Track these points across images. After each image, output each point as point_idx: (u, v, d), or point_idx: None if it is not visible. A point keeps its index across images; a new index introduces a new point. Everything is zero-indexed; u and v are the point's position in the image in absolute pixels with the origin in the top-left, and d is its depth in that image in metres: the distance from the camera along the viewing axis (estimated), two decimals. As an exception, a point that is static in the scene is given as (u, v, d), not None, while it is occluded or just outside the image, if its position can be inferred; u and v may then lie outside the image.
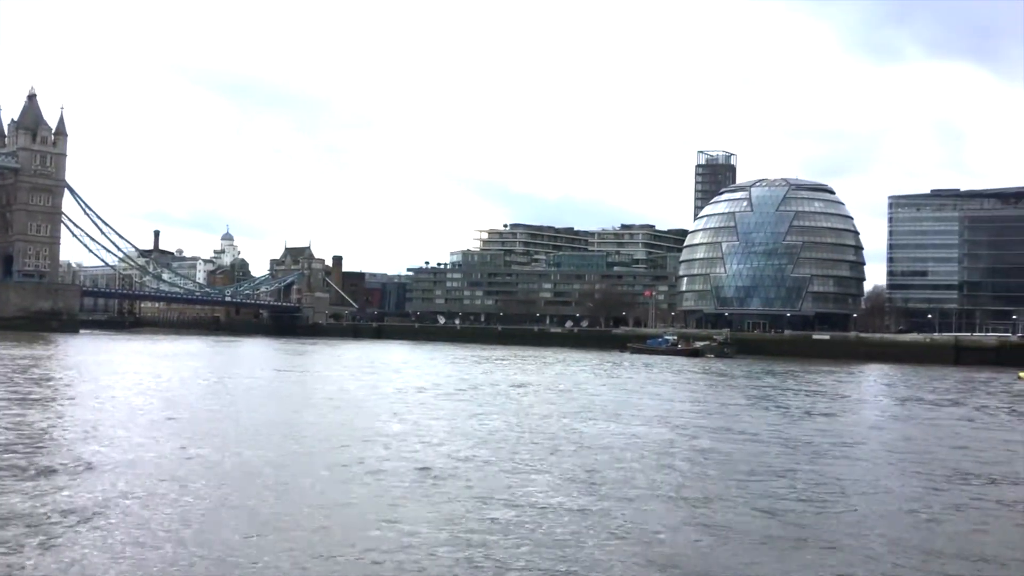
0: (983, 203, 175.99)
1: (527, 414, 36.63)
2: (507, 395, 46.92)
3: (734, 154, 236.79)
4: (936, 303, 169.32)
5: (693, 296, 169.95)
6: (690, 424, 34.43)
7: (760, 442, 29.12)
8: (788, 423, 35.70)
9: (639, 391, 52.93)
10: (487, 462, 23.29)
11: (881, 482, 22.10)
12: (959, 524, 17.53)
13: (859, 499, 19.60)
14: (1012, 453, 29.04)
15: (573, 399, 45.33)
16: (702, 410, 41.54)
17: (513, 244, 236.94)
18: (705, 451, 26.73)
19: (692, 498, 19.04)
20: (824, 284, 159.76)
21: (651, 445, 27.67)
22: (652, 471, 22.55)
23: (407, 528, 15.62)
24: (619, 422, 34.22)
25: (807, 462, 24.97)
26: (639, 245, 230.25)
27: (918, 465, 25.21)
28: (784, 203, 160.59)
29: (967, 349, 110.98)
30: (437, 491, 19.14)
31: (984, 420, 40.45)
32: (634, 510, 17.69)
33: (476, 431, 30.17)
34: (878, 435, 33.66)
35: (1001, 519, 18.31)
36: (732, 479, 21.62)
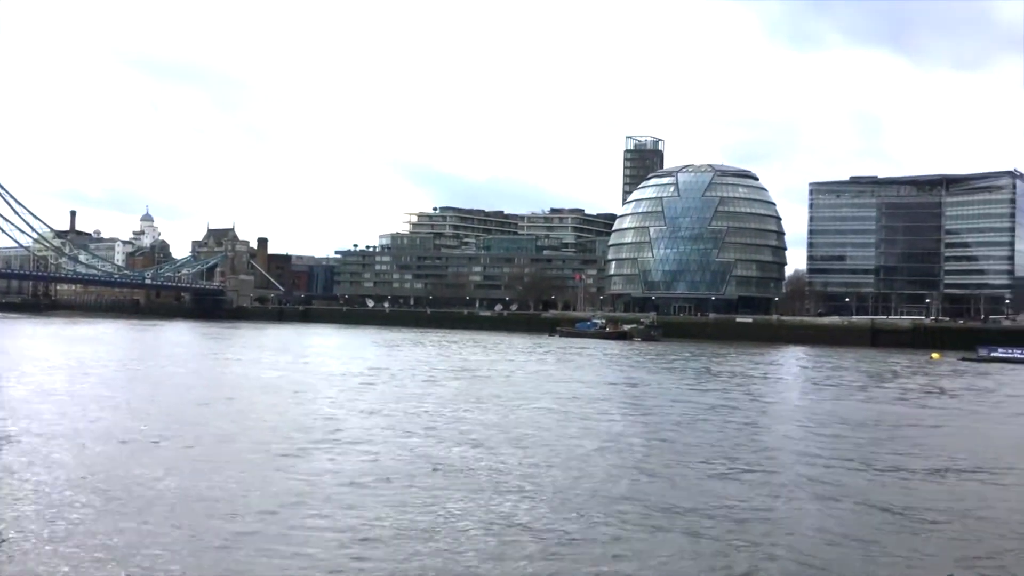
0: (899, 190, 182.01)
1: (445, 397, 36.54)
2: (435, 380, 46.71)
3: (662, 139, 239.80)
4: (854, 287, 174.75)
5: (621, 280, 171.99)
6: (614, 401, 34.80)
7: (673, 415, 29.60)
8: (706, 395, 36.39)
9: (566, 372, 53.28)
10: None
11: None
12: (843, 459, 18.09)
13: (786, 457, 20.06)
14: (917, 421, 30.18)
15: (488, 379, 45.37)
16: (624, 390, 42.02)
17: (443, 227, 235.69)
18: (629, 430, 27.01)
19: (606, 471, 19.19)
20: (747, 268, 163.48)
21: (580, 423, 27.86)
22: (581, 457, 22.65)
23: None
24: (546, 401, 34.35)
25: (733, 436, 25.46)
26: (568, 229, 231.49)
27: (823, 427, 25.98)
28: (710, 189, 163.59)
29: (883, 332, 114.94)
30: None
31: (891, 393, 41.98)
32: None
33: (404, 420, 29.91)
34: (790, 410, 34.60)
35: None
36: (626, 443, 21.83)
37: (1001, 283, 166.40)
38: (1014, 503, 18.50)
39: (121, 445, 22.30)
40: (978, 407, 39.33)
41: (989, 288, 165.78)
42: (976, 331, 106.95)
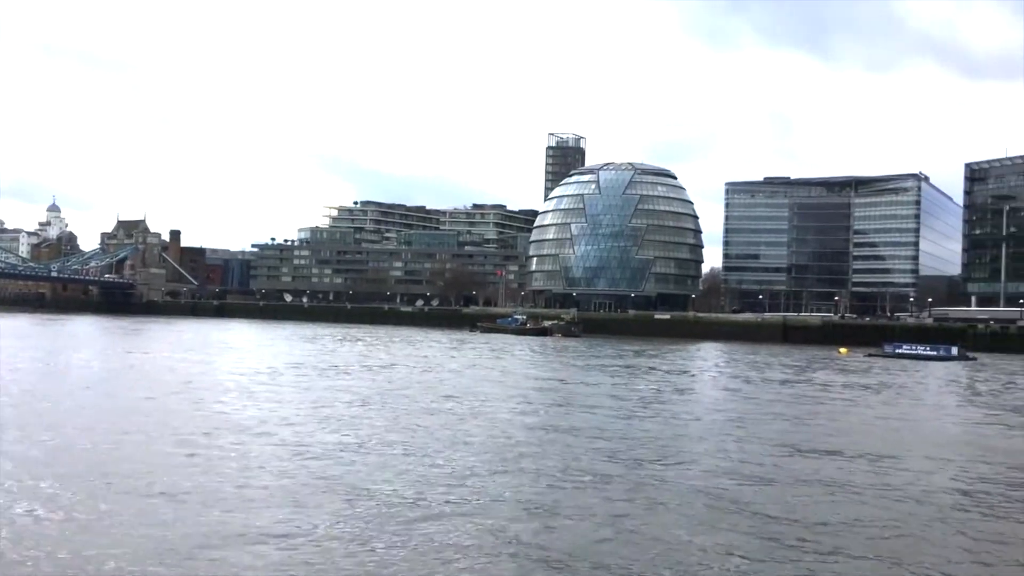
0: (811, 191, 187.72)
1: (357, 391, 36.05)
2: (350, 373, 46.04)
3: (583, 137, 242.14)
4: (767, 284, 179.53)
5: (543, 276, 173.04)
6: (536, 396, 34.80)
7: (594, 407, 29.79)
8: (628, 392, 36.76)
9: (486, 367, 53.17)
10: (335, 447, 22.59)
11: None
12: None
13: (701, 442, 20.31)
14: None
15: (399, 374, 45.00)
16: (548, 385, 42.13)
17: (363, 221, 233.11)
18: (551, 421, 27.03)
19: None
20: (666, 266, 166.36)
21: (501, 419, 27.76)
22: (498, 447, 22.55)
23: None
24: (456, 400, 34.14)
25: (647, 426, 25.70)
26: (490, 225, 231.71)
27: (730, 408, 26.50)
28: (630, 187, 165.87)
29: (794, 328, 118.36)
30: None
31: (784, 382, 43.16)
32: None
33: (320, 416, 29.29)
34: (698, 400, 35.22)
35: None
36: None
37: (906, 282, 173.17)
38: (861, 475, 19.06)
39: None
40: (879, 401, 40.71)
41: (895, 286, 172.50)
42: (882, 328, 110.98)
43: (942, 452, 24.87)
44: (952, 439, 28.47)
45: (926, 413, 36.79)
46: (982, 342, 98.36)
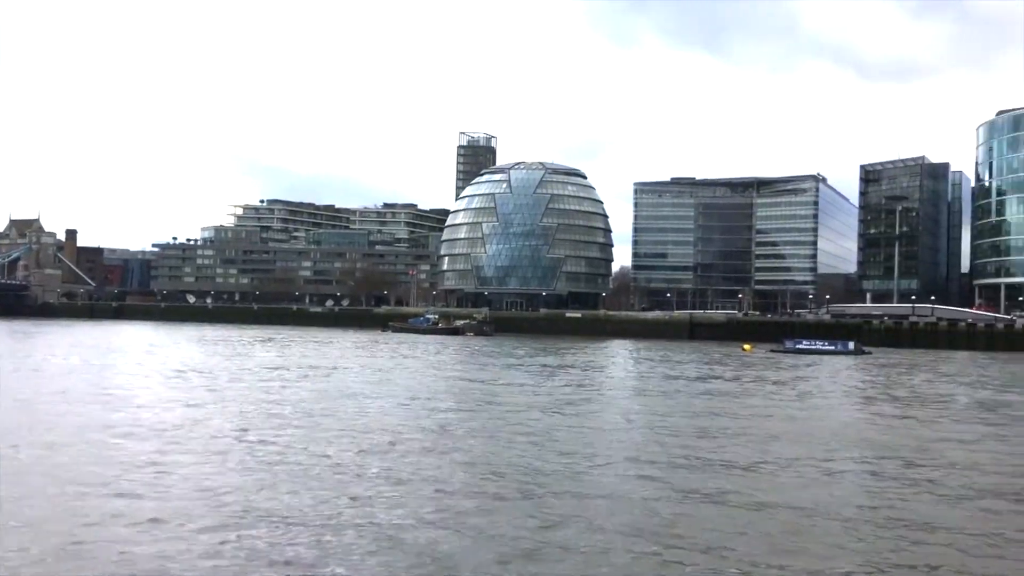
0: (715, 191, 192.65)
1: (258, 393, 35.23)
2: (259, 376, 44.93)
3: (495, 136, 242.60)
4: (675, 283, 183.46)
5: (454, 275, 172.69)
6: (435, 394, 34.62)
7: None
8: (538, 388, 36.90)
9: (395, 368, 52.66)
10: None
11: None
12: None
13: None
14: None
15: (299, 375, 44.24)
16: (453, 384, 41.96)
17: (270, 220, 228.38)
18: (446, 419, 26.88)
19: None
20: (577, 265, 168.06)
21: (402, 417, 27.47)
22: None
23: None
24: (377, 398, 33.70)
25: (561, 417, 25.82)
26: (401, 224, 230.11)
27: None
28: (541, 186, 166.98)
29: (700, 325, 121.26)
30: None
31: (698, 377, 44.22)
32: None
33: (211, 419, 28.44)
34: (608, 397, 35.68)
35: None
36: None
37: (805, 279, 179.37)
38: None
39: None
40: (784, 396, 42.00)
41: (795, 284, 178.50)
42: (783, 324, 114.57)
43: (818, 445, 25.69)
44: (832, 432, 29.38)
45: (814, 405, 38.03)
46: (877, 337, 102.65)
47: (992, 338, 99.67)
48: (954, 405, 39.05)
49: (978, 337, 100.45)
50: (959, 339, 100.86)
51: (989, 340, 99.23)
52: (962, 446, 25.88)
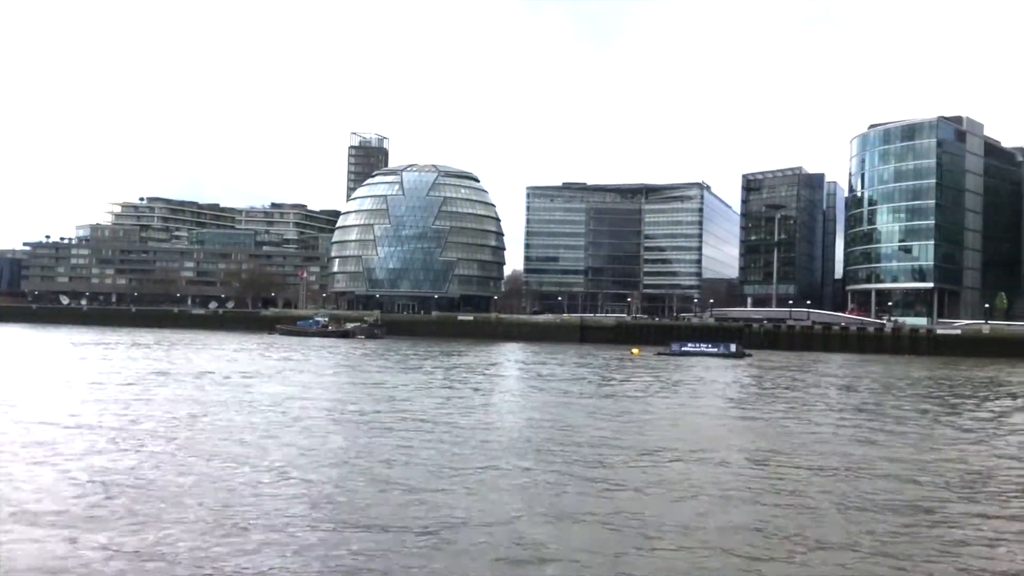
0: (605, 196, 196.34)
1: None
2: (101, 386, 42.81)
3: (387, 137, 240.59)
4: (566, 286, 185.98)
5: (345, 278, 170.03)
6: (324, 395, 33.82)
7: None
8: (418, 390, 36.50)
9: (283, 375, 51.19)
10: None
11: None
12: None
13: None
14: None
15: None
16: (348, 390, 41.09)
17: (151, 219, 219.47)
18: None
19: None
20: (469, 268, 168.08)
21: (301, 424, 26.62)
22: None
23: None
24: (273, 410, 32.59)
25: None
26: (290, 224, 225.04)
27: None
28: (433, 189, 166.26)
29: (591, 328, 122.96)
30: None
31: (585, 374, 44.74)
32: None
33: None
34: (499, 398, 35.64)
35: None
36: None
37: (691, 284, 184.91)
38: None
39: None
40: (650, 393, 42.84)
41: (681, 288, 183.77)
42: (669, 328, 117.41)
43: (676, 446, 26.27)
44: (695, 434, 30.12)
45: (682, 405, 38.93)
46: (757, 340, 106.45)
47: (863, 341, 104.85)
48: (804, 401, 40.65)
49: (850, 340, 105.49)
50: (833, 342, 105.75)
51: (860, 343, 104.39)
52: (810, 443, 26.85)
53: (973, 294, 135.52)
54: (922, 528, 16.26)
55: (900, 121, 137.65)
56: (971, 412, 37.93)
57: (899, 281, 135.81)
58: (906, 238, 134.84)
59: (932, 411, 37.88)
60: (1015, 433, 31.22)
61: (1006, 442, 28.58)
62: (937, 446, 26.95)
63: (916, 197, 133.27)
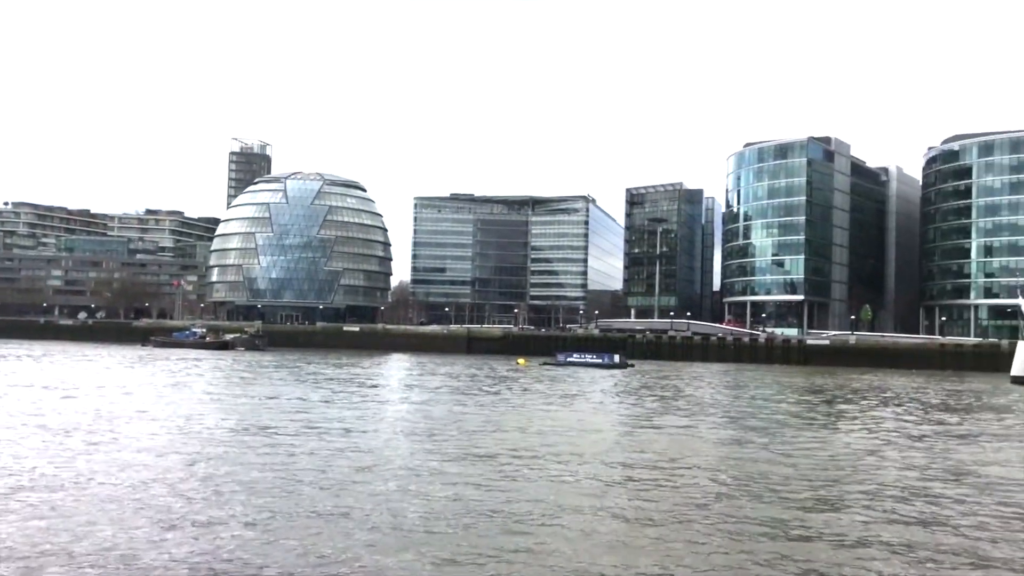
0: (493, 208, 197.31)
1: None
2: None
3: (269, 144, 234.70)
4: (453, 297, 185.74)
5: (225, 287, 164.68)
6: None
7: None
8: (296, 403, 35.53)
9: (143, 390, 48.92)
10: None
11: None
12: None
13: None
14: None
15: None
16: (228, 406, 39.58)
17: (15, 224, 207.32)
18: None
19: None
20: (355, 278, 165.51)
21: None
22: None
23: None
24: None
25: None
26: (166, 232, 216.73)
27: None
28: (319, 197, 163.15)
29: (477, 339, 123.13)
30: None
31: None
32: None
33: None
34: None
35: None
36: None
37: (576, 295, 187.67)
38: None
39: None
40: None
41: (567, 300, 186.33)
42: (555, 338, 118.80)
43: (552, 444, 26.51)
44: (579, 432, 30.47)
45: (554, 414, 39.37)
46: (640, 350, 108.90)
47: (739, 351, 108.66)
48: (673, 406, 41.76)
49: (727, 350, 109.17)
50: (711, 352, 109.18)
51: (737, 353, 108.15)
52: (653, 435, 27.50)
53: (840, 306, 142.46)
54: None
55: (773, 140, 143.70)
56: (831, 415, 39.65)
57: (772, 294, 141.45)
58: (779, 252, 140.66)
59: (804, 415, 39.42)
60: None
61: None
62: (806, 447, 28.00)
63: (788, 213, 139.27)
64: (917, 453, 28.27)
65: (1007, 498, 20.44)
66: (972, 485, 22.21)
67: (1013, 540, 16.31)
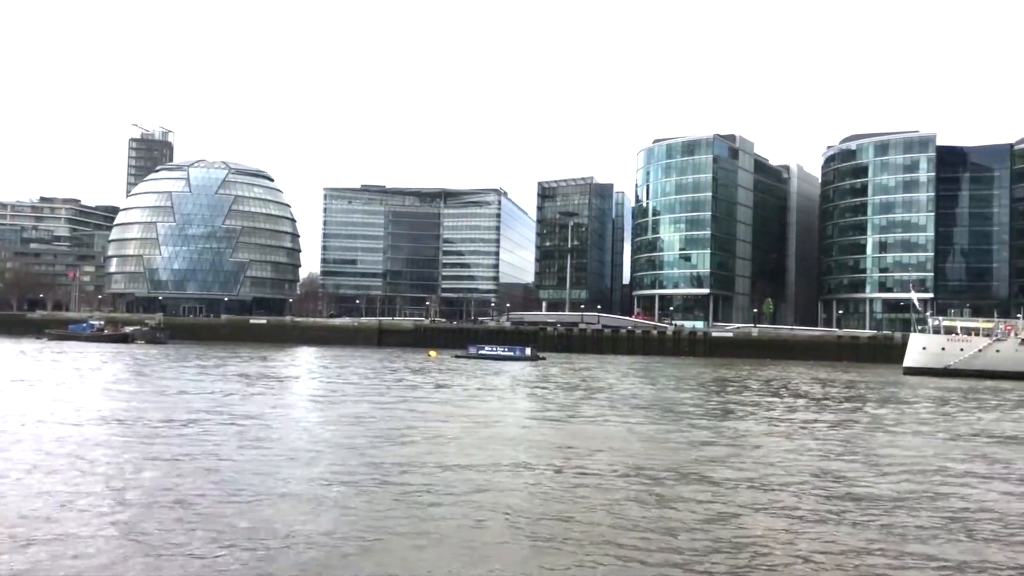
0: (404, 200, 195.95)
1: None
2: None
3: (172, 131, 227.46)
4: (364, 289, 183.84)
5: (124, 278, 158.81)
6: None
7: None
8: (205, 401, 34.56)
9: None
10: None
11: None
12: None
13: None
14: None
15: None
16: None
17: None
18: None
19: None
20: (262, 269, 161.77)
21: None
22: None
23: None
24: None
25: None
26: (62, 221, 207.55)
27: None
28: (224, 187, 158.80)
29: (389, 332, 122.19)
30: None
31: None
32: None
33: None
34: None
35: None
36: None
37: (488, 288, 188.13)
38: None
39: None
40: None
41: (479, 292, 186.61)
42: (467, 331, 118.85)
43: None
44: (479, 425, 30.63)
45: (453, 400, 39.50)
46: (551, 343, 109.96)
47: (648, 343, 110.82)
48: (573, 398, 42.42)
49: (636, 342, 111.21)
50: (621, 344, 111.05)
51: (645, 345, 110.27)
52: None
53: (744, 299, 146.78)
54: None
55: (681, 137, 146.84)
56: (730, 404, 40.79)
57: (680, 287, 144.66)
58: (686, 247, 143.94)
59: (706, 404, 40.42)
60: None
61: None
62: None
63: (695, 209, 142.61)
64: (810, 440, 29.28)
65: (899, 473, 21.38)
66: (870, 464, 23.15)
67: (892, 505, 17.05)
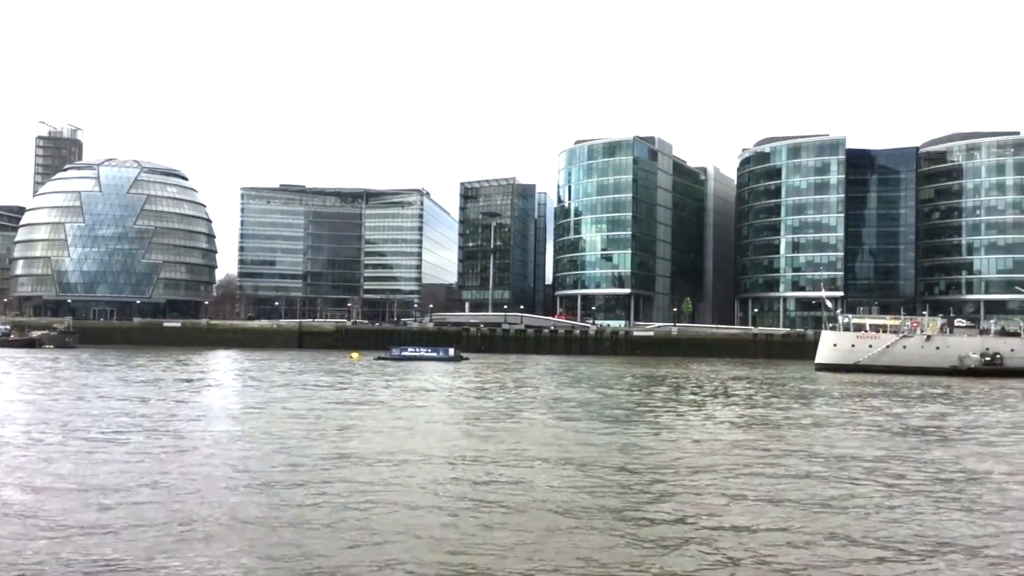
0: (325, 200, 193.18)
1: None
2: None
3: (81, 128, 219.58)
4: (284, 291, 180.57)
5: (31, 281, 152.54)
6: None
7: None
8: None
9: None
10: None
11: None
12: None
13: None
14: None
15: None
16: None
17: None
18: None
19: None
20: (176, 271, 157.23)
21: None
22: None
23: None
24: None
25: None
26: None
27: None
28: (136, 186, 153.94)
29: (309, 334, 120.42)
30: None
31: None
32: None
33: None
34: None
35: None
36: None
37: (411, 289, 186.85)
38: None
39: None
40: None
41: (401, 293, 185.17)
42: (390, 332, 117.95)
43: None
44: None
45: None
46: (474, 344, 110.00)
47: (570, 343, 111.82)
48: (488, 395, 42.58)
49: (559, 342, 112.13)
50: (544, 344, 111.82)
51: (568, 344, 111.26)
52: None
53: (664, 299, 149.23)
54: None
55: (602, 138, 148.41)
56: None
57: (601, 287, 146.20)
58: (607, 247, 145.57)
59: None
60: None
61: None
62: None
63: (616, 210, 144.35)
64: (732, 434, 29.91)
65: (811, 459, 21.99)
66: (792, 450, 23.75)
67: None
